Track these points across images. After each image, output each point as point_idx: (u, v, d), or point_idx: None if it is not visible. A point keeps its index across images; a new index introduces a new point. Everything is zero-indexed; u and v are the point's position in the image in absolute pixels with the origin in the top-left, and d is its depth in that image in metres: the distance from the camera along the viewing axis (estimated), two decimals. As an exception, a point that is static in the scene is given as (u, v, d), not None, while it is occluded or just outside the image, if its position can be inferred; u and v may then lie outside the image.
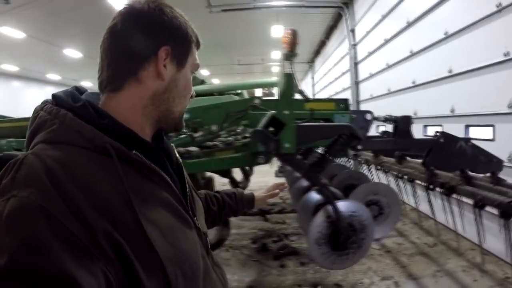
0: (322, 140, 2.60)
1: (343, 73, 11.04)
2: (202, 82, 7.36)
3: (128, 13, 0.85)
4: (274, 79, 7.83)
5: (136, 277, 0.68)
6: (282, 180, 1.80)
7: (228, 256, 4.25)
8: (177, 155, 1.04)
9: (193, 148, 3.30)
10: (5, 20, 10.34)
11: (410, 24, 6.02)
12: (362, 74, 9.39)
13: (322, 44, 14.47)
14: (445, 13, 4.90)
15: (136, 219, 0.71)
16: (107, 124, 0.79)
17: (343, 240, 2.20)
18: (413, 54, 5.91)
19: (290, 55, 1.68)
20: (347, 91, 10.31)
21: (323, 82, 14.63)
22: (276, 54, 16.32)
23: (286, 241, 4.61)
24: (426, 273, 3.61)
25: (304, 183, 3.62)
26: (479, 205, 2.42)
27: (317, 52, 15.81)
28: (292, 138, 1.96)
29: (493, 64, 3.91)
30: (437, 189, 2.88)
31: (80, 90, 0.91)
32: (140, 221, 0.71)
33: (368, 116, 3.00)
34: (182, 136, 3.24)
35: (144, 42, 0.84)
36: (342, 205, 2.24)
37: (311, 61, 17.70)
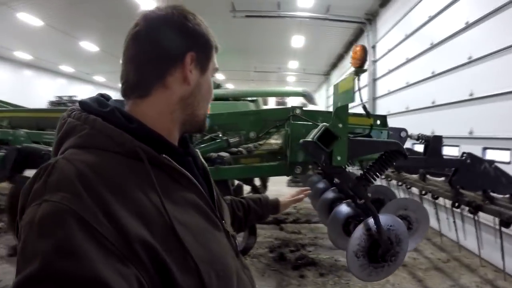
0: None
1: (360, 89, 11.08)
2: (218, 86, 7.43)
3: (153, 19, 0.86)
4: (296, 88, 7.94)
5: (171, 278, 0.68)
6: (294, 189, 1.86)
7: (246, 264, 4.30)
8: (202, 159, 1.05)
9: (224, 154, 3.38)
10: (24, 6, 10.29)
11: (434, 46, 6.19)
12: (380, 91, 9.56)
13: (340, 58, 14.61)
14: (470, 38, 5.08)
15: (168, 222, 0.71)
16: (136, 128, 0.80)
17: (382, 253, 2.29)
18: (434, 75, 6.08)
19: (359, 71, 1.80)
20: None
21: (339, 95, 14.71)
22: (294, 64, 16.47)
23: (303, 251, 4.63)
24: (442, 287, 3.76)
25: (330, 195, 3.76)
26: (505, 223, 2.56)
27: (334, 65, 15.96)
28: (344, 151, 2.04)
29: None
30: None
31: (105, 97, 0.91)
32: (173, 224, 0.71)
33: (403, 134, 3.11)
34: (218, 140, 3.33)
35: (171, 48, 0.85)
36: (382, 219, 2.32)
37: (327, 74, 17.80)
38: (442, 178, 3.58)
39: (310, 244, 5.01)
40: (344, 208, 3.06)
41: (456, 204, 3.06)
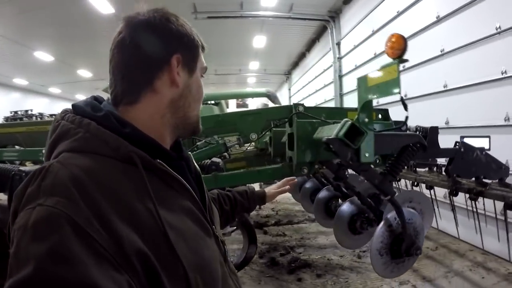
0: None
1: (326, 85, 11.34)
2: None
3: (135, 25, 0.86)
4: (259, 89, 7.91)
5: (161, 285, 0.69)
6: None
7: (239, 274, 4.17)
8: (195, 163, 1.06)
9: (216, 159, 3.24)
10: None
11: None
12: (347, 87, 9.70)
13: (302, 56, 14.74)
14: (442, 31, 5.25)
15: (161, 228, 0.72)
16: (130, 133, 0.81)
17: (406, 247, 2.29)
18: (406, 69, 6.23)
19: (402, 61, 1.74)
20: (330, 103, 10.59)
21: (302, 93, 14.91)
22: (255, 65, 16.41)
23: (294, 254, 4.59)
24: (438, 275, 3.84)
25: (324, 193, 3.75)
26: (509, 206, 2.61)
27: (296, 64, 16.08)
28: (372, 147, 1.98)
29: (491, 81, 4.27)
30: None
31: (98, 100, 0.92)
32: (166, 230, 0.72)
33: (404, 127, 3.15)
34: (213, 145, 3.21)
35: (156, 52, 0.86)
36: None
37: (288, 73, 17.95)
38: (426, 169, 3.72)
39: (298, 245, 4.98)
40: (347, 207, 3.06)
41: (454, 192, 3.10)
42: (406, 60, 1.72)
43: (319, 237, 5.31)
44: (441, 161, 3.42)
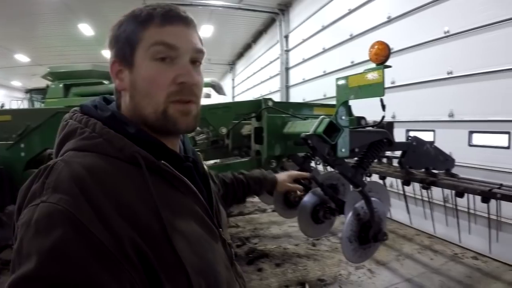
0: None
1: (272, 77, 11.48)
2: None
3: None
4: (207, 79, 7.83)
5: (161, 286, 0.69)
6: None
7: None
8: (204, 165, 1.04)
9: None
10: None
11: (353, 37, 6.64)
12: (293, 79, 9.90)
13: (247, 47, 14.73)
14: (391, 31, 5.54)
15: (163, 229, 0.71)
16: (135, 134, 0.80)
17: (374, 233, 2.44)
18: (354, 64, 6.51)
19: (385, 66, 1.83)
20: (275, 94, 10.72)
21: (246, 84, 14.99)
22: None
23: (250, 245, 4.63)
24: (390, 258, 4.11)
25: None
26: (460, 194, 2.87)
27: (241, 54, 16.04)
28: (347, 143, 2.09)
29: (438, 80, 4.62)
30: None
31: (107, 100, 0.92)
32: (167, 231, 0.72)
33: (363, 122, 3.30)
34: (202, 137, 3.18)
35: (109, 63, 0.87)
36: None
37: (232, 63, 17.87)
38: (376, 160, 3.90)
39: (252, 236, 5.04)
40: (310, 198, 3.17)
41: (407, 182, 3.33)
42: (390, 66, 1.82)
43: (272, 227, 5.41)
44: (388, 153, 3.63)
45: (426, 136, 4.71)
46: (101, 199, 0.66)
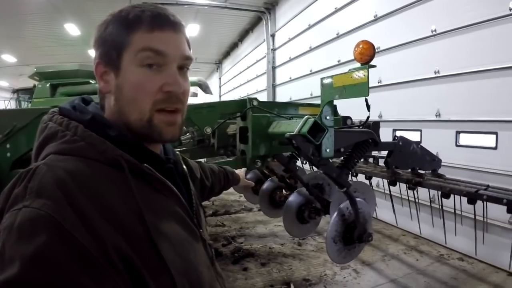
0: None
1: (258, 76, 11.44)
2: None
3: None
4: (190, 78, 7.82)
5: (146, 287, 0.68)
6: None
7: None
8: (184, 165, 1.05)
9: None
10: None
11: (340, 36, 6.62)
12: (280, 78, 9.87)
13: (234, 46, 14.67)
14: (378, 30, 5.55)
15: (146, 232, 0.71)
16: (117, 136, 0.80)
17: (359, 234, 2.43)
18: (341, 63, 6.50)
19: (370, 66, 1.80)
20: (261, 93, 10.70)
21: (233, 83, 14.94)
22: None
23: (236, 244, 4.62)
24: (376, 259, 4.11)
25: (268, 185, 3.80)
26: (446, 195, 2.85)
27: (227, 53, 15.98)
28: (332, 143, 2.07)
29: (425, 79, 4.61)
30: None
31: (86, 101, 0.91)
32: (151, 234, 0.72)
33: (349, 121, 3.28)
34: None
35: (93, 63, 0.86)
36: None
37: (219, 62, 17.78)
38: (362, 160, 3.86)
39: (238, 235, 5.03)
40: (295, 198, 3.15)
41: (393, 182, 3.30)
42: (374, 66, 1.79)
43: (258, 227, 5.40)
44: (374, 153, 3.61)
45: (413, 136, 4.72)
46: (84, 203, 0.65)
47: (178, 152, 1.08)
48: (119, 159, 0.75)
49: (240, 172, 2.03)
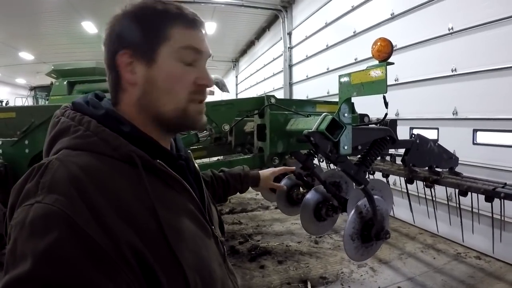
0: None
1: (275, 74, 11.46)
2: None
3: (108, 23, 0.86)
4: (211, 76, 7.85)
5: (158, 284, 0.69)
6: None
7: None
8: (195, 163, 1.05)
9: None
10: None
11: (356, 34, 6.61)
12: (296, 76, 9.88)
13: (250, 44, 14.70)
14: (394, 28, 5.52)
15: (160, 228, 0.71)
16: (130, 132, 0.80)
17: (376, 232, 2.43)
18: (357, 62, 6.49)
19: (388, 63, 1.82)
20: (278, 92, 10.70)
21: (250, 81, 14.96)
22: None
23: (252, 242, 4.63)
24: (393, 257, 4.11)
25: (285, 182, 3.82)
26: (464, 193, 2.83)
27: (244, 51, 16.01)
28: (350, 141, 2.08)
29: (442, 77, 4.59)
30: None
31: (99, 97, 0.90)
32: (164, 230, 0.72)
33: (366, 119, 3.29)
34: (185, 135, 3.17)
35: (108, 54, 0.85)
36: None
37: (236, 60, 17.83)
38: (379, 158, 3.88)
39: (255, 233, 5.05)
40: (312, 195, 3.17)
41: (410, 180, 3.30)
42: (392, 63, 1.81)
43: (275, 224, 5.42)
44: (391, 151, 3.61)
45: (430, 134, 4.69)
46: (98, 199, 0.65)
47: (189, 151, 1.08)
48: (132, 155, 0.75)
49: (265, 172, 1.86)
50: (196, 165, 1.05)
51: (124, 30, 0.82)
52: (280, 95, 10.15)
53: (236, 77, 18.11)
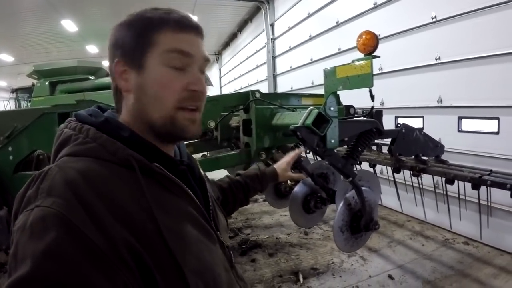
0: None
1: (258, 66, 11.42)
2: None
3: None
4: None
5: (156, 285, 0.69)
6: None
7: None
8: (201, 170, 1.04)
9: None
10: None
11: (339, 24, 6.59)
12: (280, 68, 9.85)
13: (233, 37, 14.61)
14: (378, 18, 5.51)
15: (157, 230, 0.72)
16: (129, 137, 0.81)
17: (365, 223, 2.44)
18: (341, 52, 6.49)
19: (374, 57, 1.80)
20: (262, 84, 10.70)
21: (233, 74, 14.89)
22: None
23: (242, 235, 4.64)
24: (382, 245, 4.16)
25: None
26: (450, 181, 2.87)
27: (227, 44, 15.91)
28: (336, 134, 2.06)
29: (426, 66, 4.62)
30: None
31: (102, 109, 0.92)
32: (162, 232, 0.72)
33: (352, 110, 3.28)
34: None
35: (109, 64, 0.86)
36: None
37: (218, 53, 17.72)
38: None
39: (245, 226, 5.06)
40: (301, 188, 3.16)
41: (397, 170, 3.32)
42: (378, 56, 1.79)
43: (264, 217, 5.43)
44: (378, 140, 3.62)
45: (415, 123, 4.72)
46: (94, 201, 0.66)
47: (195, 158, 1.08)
48: (129, 159, 0.76)
49: (281, 165, 1.81)
50: (202, 172, 1.04)
51: (117, 39, 0.84)
52: (264, 87, 10.16)
53: (220, 70, 18.02)
